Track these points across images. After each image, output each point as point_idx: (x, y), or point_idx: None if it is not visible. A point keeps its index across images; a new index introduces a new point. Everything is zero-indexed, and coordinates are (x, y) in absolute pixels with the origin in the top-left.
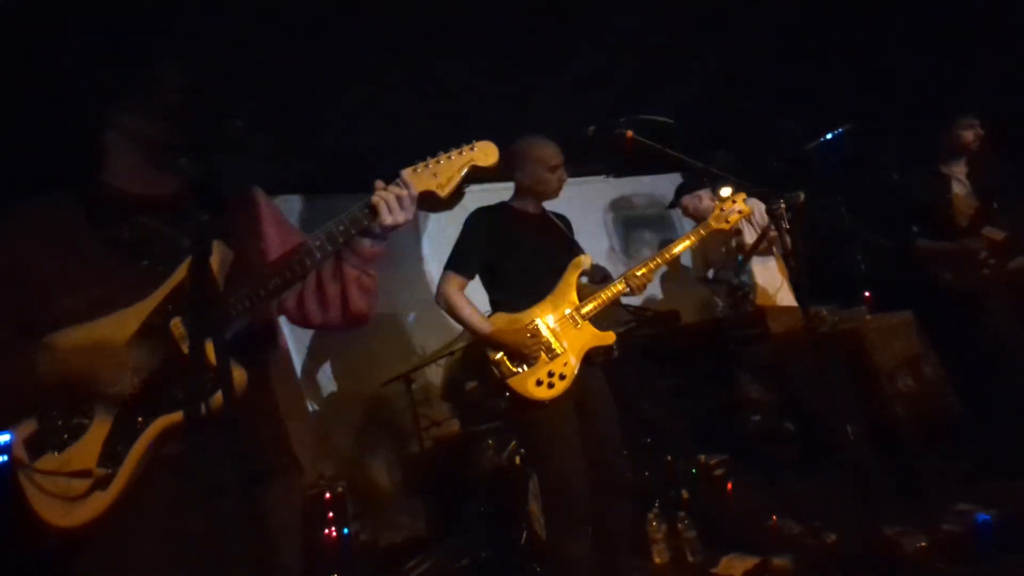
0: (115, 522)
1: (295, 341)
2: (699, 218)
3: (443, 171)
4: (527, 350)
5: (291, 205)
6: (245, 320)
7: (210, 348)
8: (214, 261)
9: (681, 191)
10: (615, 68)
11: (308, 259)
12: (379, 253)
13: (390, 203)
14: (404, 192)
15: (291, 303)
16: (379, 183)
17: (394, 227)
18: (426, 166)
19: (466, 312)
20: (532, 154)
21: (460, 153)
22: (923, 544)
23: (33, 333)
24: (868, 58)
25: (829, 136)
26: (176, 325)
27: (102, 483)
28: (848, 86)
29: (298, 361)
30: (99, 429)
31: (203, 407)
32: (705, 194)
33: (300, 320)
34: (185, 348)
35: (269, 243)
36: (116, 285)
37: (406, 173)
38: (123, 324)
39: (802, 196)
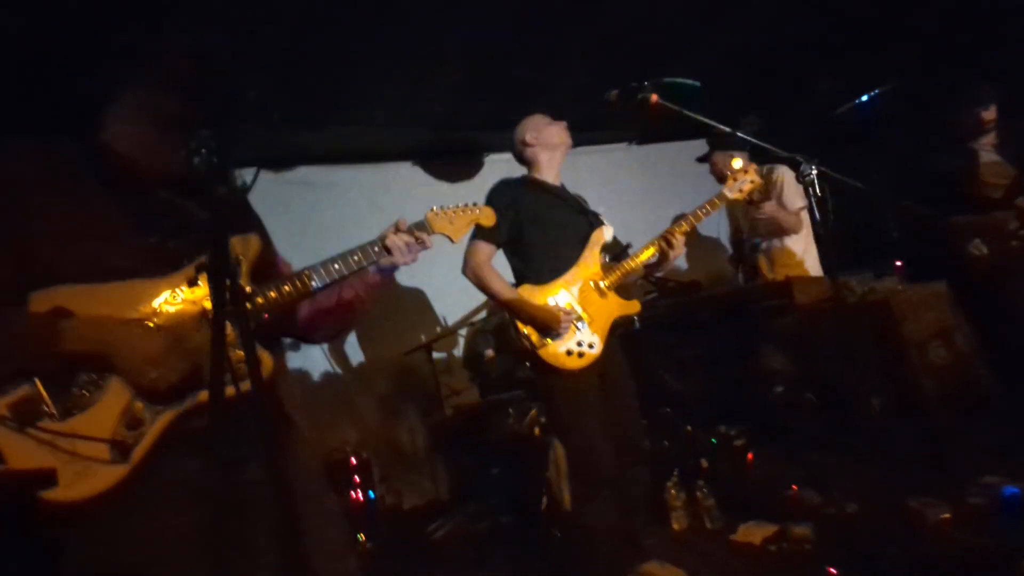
0: (135, 497)
1: None
2: (721, 179)
3: (457, 220)
4: (558, 324)
5: (304, 176)
6: (257, 319)
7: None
8: (249, 251)
9: (715, 146)
10: (639, 29)
11: (317, 278)
12: (381, 284)
13: (400, 248)
14: (412, 240)
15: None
16: (402, 222)
17: (400, 265)
18: (445, 213)
19: (496, 285)
20: (529, 120)
21: (468, 212)
22: (946, 515)
23: (34, 282)
24: (905, 14)
25: (864, 98)
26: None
27: (121, 454)
28: (885, 45)
29: None
30: (114, 399)
31: (234, 388)
32: (741, 155)
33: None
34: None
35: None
36: (125, 254)
37: (429, 216)
38: (148, 299)
39: (815, 170)
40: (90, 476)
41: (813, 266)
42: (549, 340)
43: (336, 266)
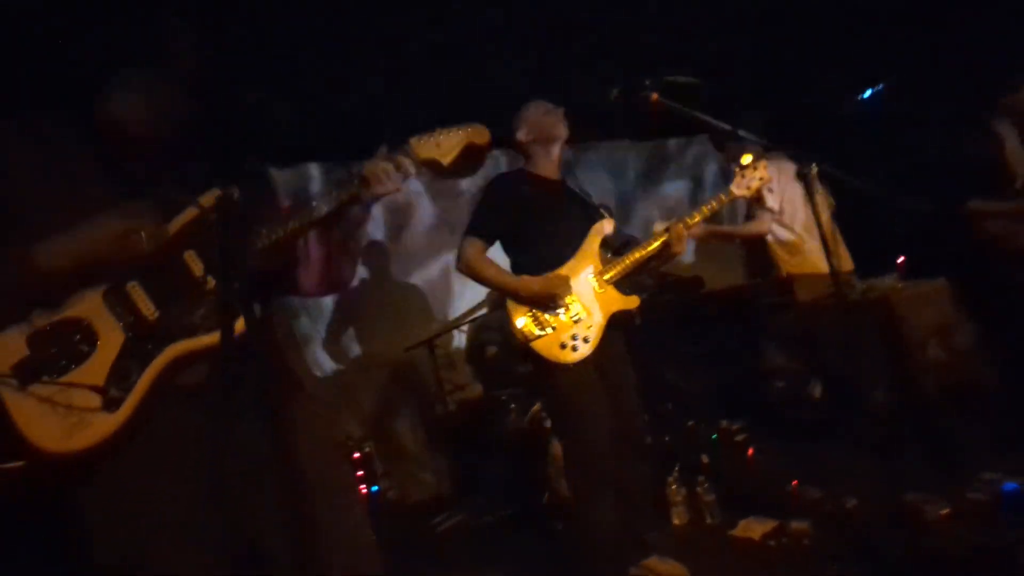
0: (134, 456)
1: (320, 308)
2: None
3: (444, 143)
4: (558, 297)
5: (309, 172)
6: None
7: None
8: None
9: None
10: (641, 27)
11: (305, 218)
12: (364, 220)
13: (379, 176)
14: (392, 167)
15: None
16: (382, 150)
17: (383, 195)
18: (430, 136)
19: (491, 272)
20: (525, 112)
21: (459, 130)
22: (946, 511)
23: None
24: (910, 9)
25: (867, 93)
26: (191, 257)
27: (111, 404)
28: (889, 40)
29: (324, 325)
30: (105, 353)
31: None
32: (753, 150)
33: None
34: (198, 276)
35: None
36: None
37: (412, 142)
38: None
39: (815, 168)
40: (86, 427)
41: (817, 259)
42: (542, 332)
43: (313, 204)
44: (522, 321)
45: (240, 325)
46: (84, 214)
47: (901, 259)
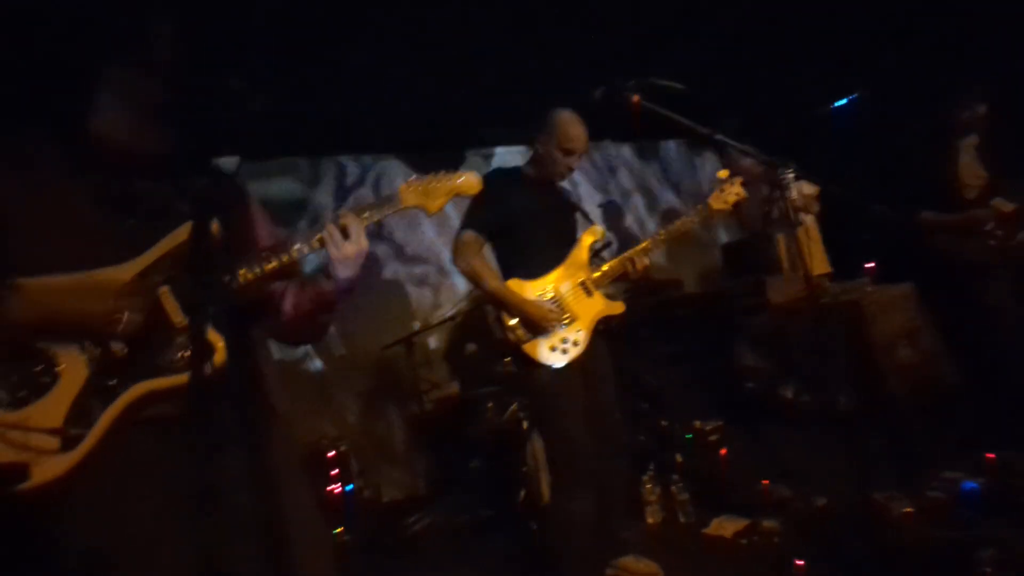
0: (99, 485)
1: None
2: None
3: (433, 191)
4: (547, 323)
5: (285, 166)
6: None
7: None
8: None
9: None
10: (624, 28)
11: (285, 256)
12: (334, 297)
13: (335, 237)
14: (349, 222)
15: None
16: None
17: (343, 259)
18: (419, 184)
19: (488, 276)
20: (554, 126)
21: (449, 179)
22: (909, 509)
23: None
24: (884, 22)
25: (842, 102)
26: (165, 293)
27: (69, 443)
28: (863, 50)
29: None
30: (67, 388)
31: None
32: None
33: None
34: (173, 317)
35: (259, 231)
36: (100, 242)
37: (402, 189)
38: (112, 277)
39: (792, 173)
40: (41, 465)
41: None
42: (532, 335)
43: (288, 248)
44: (514, 322)
45: (218, 357)
46: (73, 235)
47: (870, 265)
